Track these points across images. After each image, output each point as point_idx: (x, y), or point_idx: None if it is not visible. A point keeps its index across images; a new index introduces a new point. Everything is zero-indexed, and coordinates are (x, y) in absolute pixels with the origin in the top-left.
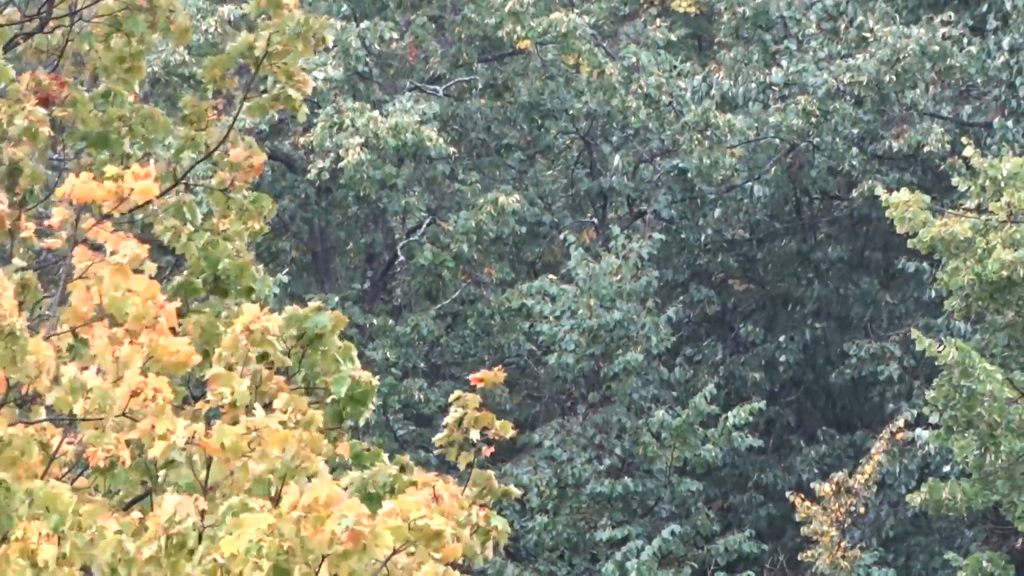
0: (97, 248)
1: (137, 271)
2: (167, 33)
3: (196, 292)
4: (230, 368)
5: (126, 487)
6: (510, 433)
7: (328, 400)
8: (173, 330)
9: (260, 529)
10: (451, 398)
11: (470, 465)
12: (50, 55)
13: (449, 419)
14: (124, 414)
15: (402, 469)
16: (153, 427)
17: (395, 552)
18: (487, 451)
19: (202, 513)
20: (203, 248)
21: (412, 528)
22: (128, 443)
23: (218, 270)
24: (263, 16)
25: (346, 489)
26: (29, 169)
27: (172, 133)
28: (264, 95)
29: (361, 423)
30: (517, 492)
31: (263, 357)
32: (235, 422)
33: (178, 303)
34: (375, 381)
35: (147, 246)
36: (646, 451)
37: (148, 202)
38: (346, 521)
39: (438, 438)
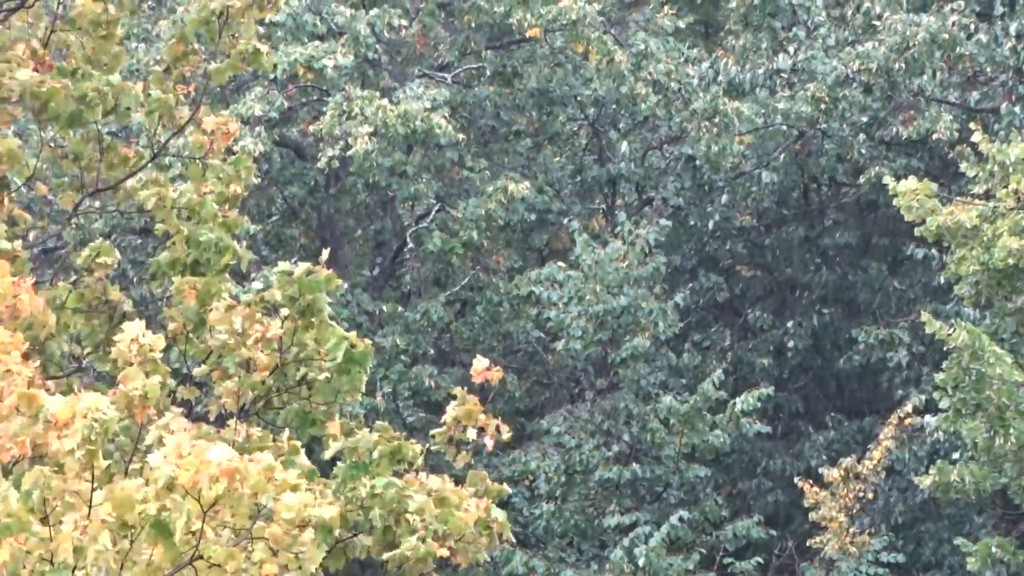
0: None
1: None
2: None
3: (178, 269)
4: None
5: None
6: (507, 436)
7: (322, 376)
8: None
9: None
10: (455, 390)
11: (468, 465)
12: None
13: (447, 417)
14: None
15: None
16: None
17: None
18: (489, 448)
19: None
20: (187, 219)
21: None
22: None
23: (200, 247)
24: None
25: (334, 463)
26: (6, 148)
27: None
28: (229, 58)
29: (359, 393)
30: (508, 490)
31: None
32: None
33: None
34: (369, 345)
35: None
36: (654, 437)
37: (131, 174)
38: (217, 457)
39: (436, 432)
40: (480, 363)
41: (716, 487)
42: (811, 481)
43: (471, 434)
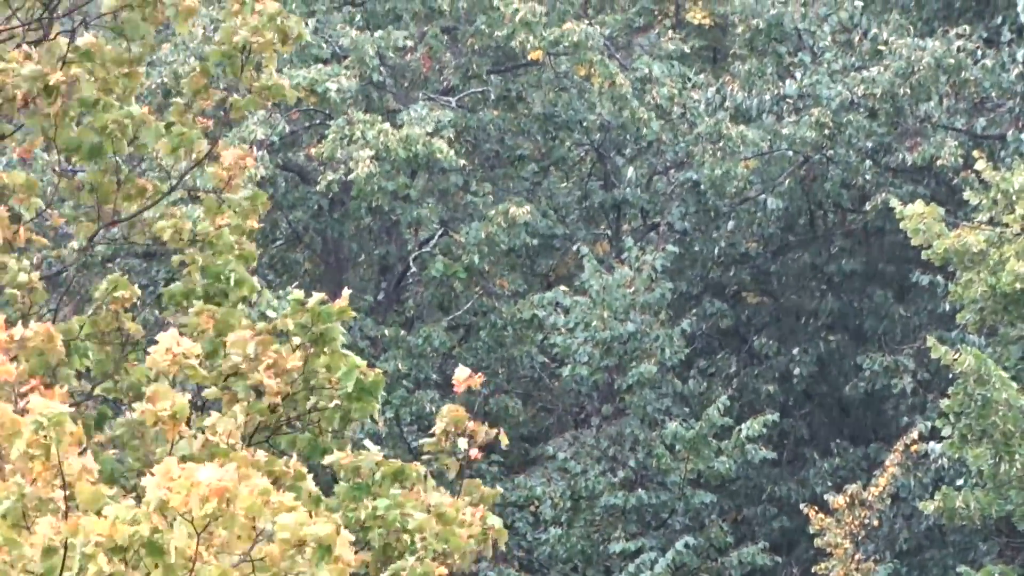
0: None
1: None
2: (174, 17)
3: (192, 299)
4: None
5: None
6: (505, 442)
7: (332, 404)
8: None
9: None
10: (443, 410)
11: (459, 475)
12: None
13: (436, 429)
14: None
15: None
16: None
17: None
18: (476, 456)
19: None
20: (204, 249)
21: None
22: None
23: (220, 278)
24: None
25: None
26: (22, 180)
27: (161, 140)
28: (252, 92)
29: (375, 417)
30: (500, 490)
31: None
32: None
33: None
34: (380, 374)
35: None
36: (660, 463)
37: (148, 207)
38: (209, 478)
39: (426, 443)
40: (461, 372)
41: (721, 513)
42: (816, 508)
43: (462, 443)
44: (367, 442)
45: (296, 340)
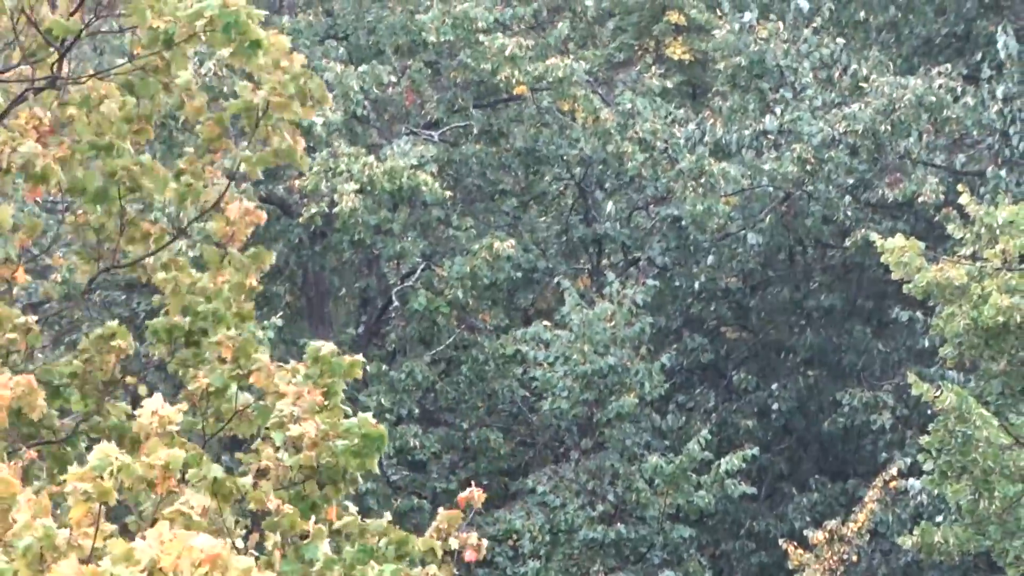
0: None
1: None
2: (180, 108)
3: (176, 333)
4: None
5: None
6: (484, 553)
7: (325, 461)
8: None
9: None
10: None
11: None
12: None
13: (431, 528)
14: None
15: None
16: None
17: None
18: (471, 559)
19: None
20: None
21: None
22: None
23: (199, 318)
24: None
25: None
26: (27, 221)
27: (169, 187)
28: (265, 149)
29: (372, 470)
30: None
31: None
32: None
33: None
34: (383, 430)
35: None
36: (639, 497)
37: (151, 253)
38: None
39: (418, 541)
40: (468, 491)
41: (700, 548)
42: (795, 543)
43: (453, 543)
44: (349, 504)
45: (305, 389)
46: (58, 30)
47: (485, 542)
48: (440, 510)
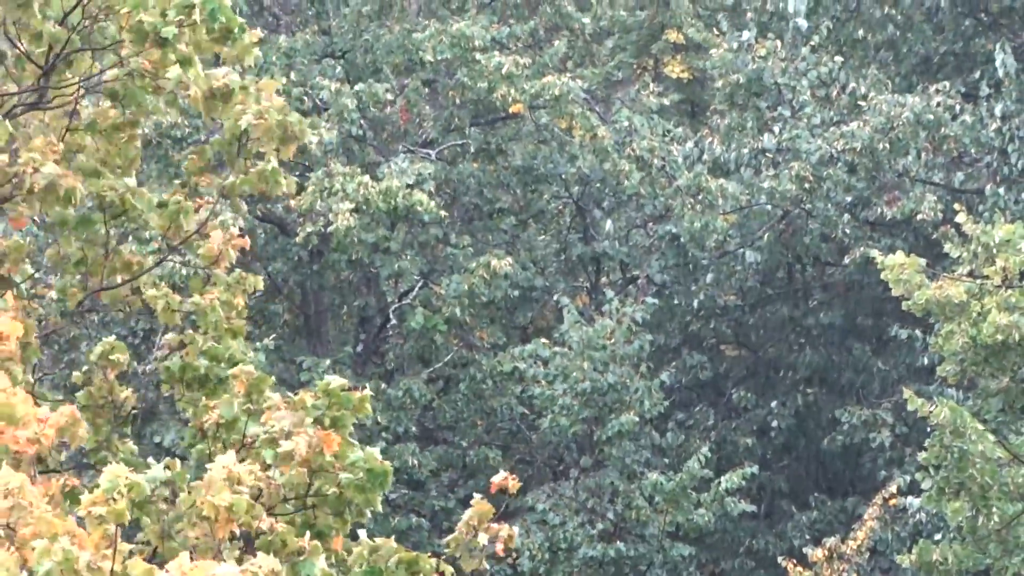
0: None
1: None
2: (171, 104)
3: (190, 373)
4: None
5: None
6: (516, 544)
7: (329, 491)
8: None
9: None
10: (473, 502)
11: (475, 572)
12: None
13: (461, 523)
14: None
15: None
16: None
17: None
18: (499, 552)
19: None
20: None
21: None
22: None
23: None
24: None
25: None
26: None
27: (154, 213)
28: (249, 174)
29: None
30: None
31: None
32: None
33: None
34: (389, 467)
35: None
36: (639, 515)
37: (133, 279)
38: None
39: (449, 539)
40: (498, 476)
41: (699, 566)
42: (794, 561)
43: (482, 539)
44: (361, 532)
45: (309, 420)
46: (48, 37)
47: (517, 530)
48: (474, 497)
